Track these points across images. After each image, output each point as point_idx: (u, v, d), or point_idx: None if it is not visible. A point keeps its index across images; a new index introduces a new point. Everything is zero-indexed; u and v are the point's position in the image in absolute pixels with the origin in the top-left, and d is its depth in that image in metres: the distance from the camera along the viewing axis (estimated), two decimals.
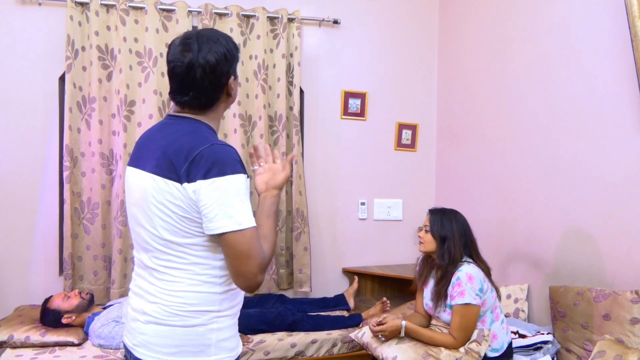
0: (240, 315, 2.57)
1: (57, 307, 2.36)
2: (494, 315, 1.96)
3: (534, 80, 2.48)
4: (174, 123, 1.27)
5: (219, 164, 1.15)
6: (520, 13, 2.58)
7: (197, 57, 1.20)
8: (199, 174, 1.14)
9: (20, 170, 2.77)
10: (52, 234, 2.83)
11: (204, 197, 1.14)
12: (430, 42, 3.44)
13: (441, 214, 2.04)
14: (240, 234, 1.15)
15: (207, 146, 1.16)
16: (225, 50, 1.24)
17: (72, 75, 2.72)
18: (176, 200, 1.17)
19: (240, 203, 1.16)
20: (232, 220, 1.14)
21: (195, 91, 1.23)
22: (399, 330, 1.96)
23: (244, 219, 1.15)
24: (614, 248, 2.02)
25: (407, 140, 3.43)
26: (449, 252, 1.96)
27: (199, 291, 1.23)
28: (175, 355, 1.23)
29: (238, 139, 2.94)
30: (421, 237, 2.07)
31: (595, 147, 2.12)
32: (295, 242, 3.10)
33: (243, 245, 1.15)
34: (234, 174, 1.16)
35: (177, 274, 1.24)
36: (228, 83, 1.27)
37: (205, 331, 1.25)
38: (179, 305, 1.23)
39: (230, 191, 1.15)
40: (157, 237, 1.23)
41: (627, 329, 1.80)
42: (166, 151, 1.20)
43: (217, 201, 1.14)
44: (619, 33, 1.98)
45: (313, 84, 3.22)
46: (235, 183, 1.16)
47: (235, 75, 1.30)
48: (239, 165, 1.19)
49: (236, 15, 2.94)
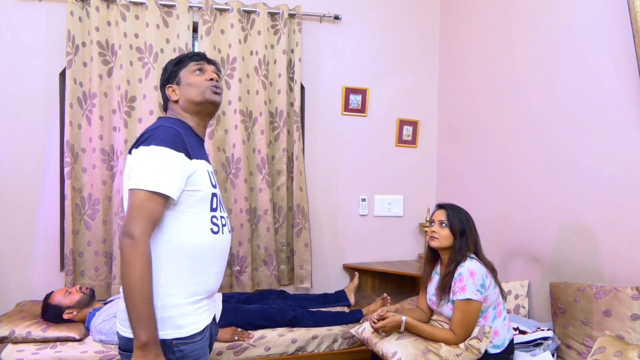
0: (241, 311, 2.61)
1: (58, 303, 2.36)
2: (497, 311, 1.96)
3: (535, 77, 2.47)
4: None
5: (149, 138, 1.34)
6: (522, 10, 2.57)
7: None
8: (135, 146, 1.36)
9: (21, 166, 2.77)
10: (53, 229, 2.83)
11: (130, 161, 1.35)
12: (431, 38, 3.44)
13: (456, 210, 2.01)
14: (140, 193, 1.29)
15: (152, 126, 1.39)
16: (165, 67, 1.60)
17: (72, 71, 2.71)
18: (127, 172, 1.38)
19: (149, 168, 1.30)
20: (139, 181, 1.30)
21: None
22: (399, 325, 1.96)
23: (146, 181, 1.29)
24: (614, 244, 2.02)
25: (408, 137, 3.42)
26: (467, 246, 1.95)
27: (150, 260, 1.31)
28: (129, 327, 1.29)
29: (239, 135, 2.94)
30: (436, 232, 1.99)
31: (596, 143, 2.11)
32: (296, 238, 3.11)
33: (136, 205, 1.28)
34: (158, 145, 1.32)
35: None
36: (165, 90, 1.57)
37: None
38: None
39: (146, 157, 1.32)
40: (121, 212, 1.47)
41: (627, 325, 1.81)
42: None
43: (135, 165, 1.33)
44: (621, 29, 1.97)
45: (314, 80, 3.21)
46: (155, 152, 1.32)
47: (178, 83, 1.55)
48: (168, 141, 1.34)
49: (237, 10, 2.93)
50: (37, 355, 2.17)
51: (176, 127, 1.39)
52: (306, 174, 3.16)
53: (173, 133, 1.36)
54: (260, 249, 3.04)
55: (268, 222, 3.01)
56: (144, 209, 1.28)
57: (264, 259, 3.05)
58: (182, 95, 1.53)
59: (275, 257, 3.04)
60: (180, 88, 1.54)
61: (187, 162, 1.37)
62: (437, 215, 2.03)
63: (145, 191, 1.28)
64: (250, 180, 3.02)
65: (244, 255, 2.97)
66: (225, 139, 2.98)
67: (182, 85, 1.54)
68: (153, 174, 1.30)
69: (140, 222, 1.27)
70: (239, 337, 2.38)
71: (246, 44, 2.99)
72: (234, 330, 2.41)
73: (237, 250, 2.98)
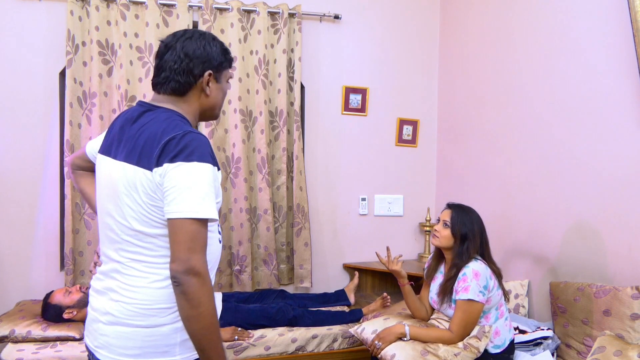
0: (241, 311, 2.61)
1: (58, 302, 2.37)
2: (499, 312, 1.95)
3: (535, 76, 2.47)
4: (147, 112, 1.26)
5: (187, 150, 1.13)
6: (522, 9, 2.57)
7: (176, 42, 1.27)
8: (166, 158, 1.13)
9: (21, 165, 2.77)
10: (53, 229, 2.83)
11: (166, 180, 1.13)
12: (431, 37, 3.43)
13: (462, 212, 1.99)
14: (190, 221, 1.11)
15: (180, 133, 1.15)
16: (209, 48, 1.29)
17: (72, 70, 2.71)
18: (146, 188, 1.15)
19: (198, 191, 1.12)
20: (188, 207, 1.11)
21: (167, 72, 1.27)
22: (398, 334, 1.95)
23: (198, 209, 1.11)
24: (614, 244, 2.02)
25: (408, 136, 3.42)
26: (467, 252, 1.93)
27: (163, 287, 1.19)
28: (139, 356, 1.19)
29: (239, 135, 2.94)
30: (437, 231, 2.00)
31: (596, 142, 2.11)
32: (295, 237, 3.11)
33: (187, 234, 1.11)
34: (201, 162, 1.14)
35: (143, 268, 1.20)
36: (203, 76, 1.28)
37: (170, 331, 1.21)
38: (142, 303, 1.19)
39: (192, 177, 1.12)
40: (126, 228, 1.19)
41: (627, 325, 1.81)
42: (139, 140, 1.19)
43: (177, 185, 1.11)
44: (621, 28, 1.97)
45: (314, 80, 3.21)
46: (200, 171, 1.13)
47: (217, 78, 1.32)
48: (208, 155, 1.17)
49: (237, 10, 2.93)
50: (37, 354, 2.17)
51: (202, 134, 1.21)
52: (306, 174, 3.16)
53: (206, 142, 1.18)
54: (260, 249, 3.04)
55: (268, 222, 3.01)
56: (200, 239, 1.12)
57: (264, 258, 3.05)
58: (210, 94, 1.31)
59: (275, 257, 3.04)
60: (215, 88, 1.32)
61: (218, 175, 1.23)
62: (444, 215, 2.03)
63: (199, 220, 1.12)
64: (250, 179, 3.02)
65: (243, 254, 2.97)
66: (225, 139, 2.98)
67: (218, 85, 1.33)
68: (202, 198, 1.12)
69: (200, 255, 1.12)
70: (238, 337, 2.38)
71: (246, 44, 2.99)
72: (234, 329, 2.41)
73: (237, 249, 2.98)
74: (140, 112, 1.26)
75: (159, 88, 1.30)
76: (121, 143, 1.24)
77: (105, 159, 1.27)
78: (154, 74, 1.31)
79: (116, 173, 1.21)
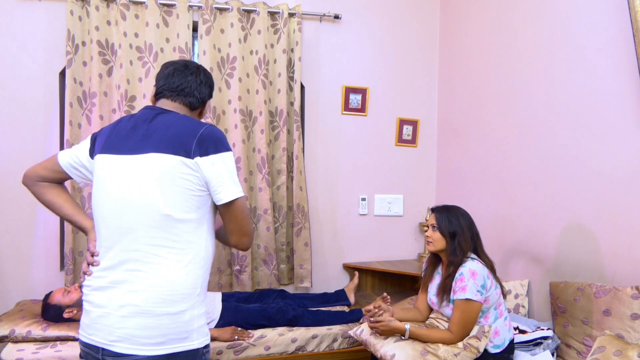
0: (241, 310, 2.61)
1: (58, 303, 2.36)
2: (498, 312, 1.96)
3: (535, 76, 2.47)
4: (162, 114, 1.41)
5: (218, 143, 1.36)
6: (522, 9, 2.57)
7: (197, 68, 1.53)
8: (209, 150, 1.33)
9: (21, 165, 2.75)
10: (53, 229, 2.83)
11: (214, 171, 1.33)
12: (431, 37, 3.43)
13: (446, 211, 2.03)
14: (243, 199, 1.39)
15: (206, 127, 1.37)
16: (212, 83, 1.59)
17: (72, 70, 2.71)
18: (185, 174, 1.31)
19: (235, 175, 1.40)
20: (238, 188, 1.38)
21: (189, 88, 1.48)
22: (398, 331, 1.96)
23: (240, 188, 1.40)
24: (614, 244, 2.02)
25: (408, 136, 3.42)
26: (460, 248, 1.95)
27: (185, 273, 1.31)
28: (163, 344, 1.27)
29: (239, 134, 2.94)
30: (429, 236, 2.03)
31: (596, 142, 2.11)
32: (295, 237, 3.11)
33: (245, 209, 1.41)
34: (229, 151, 1.39)
35: (167, 254, 1.30)
36: (206, 103, 1.56)
37: (190, 318, 1.32)
38: (169, 289, 1.28)
39: (229, 165, 1.37)
40: (154, 213, 1.29)
41: (627, 325, 1.81)
42: (168, 133, 1.34)
43: (223, 174, 1.34)
44: (621, 28, 1.97)
45: (314, 80, 3.21)
46: (231, 158, 1.39)
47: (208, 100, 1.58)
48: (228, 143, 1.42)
49: (237, 10, 2.93)
50: (37, 354, 2.17)
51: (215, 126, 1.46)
52: (306, 174, 3.16)
53: (223, 133, 1.44)
54: (260, 248, 3.04)
55: (268, 222, 3.01)
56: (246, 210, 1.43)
57: (264, 258, 3.05)
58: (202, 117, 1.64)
59: (275, 257, 3.04)
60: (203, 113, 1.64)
61: None
62: (431, 219, 2.07)
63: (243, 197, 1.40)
64: (250, 179, 3.02)
65: (243, 254, 2.97)
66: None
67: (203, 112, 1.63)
68: (237, 179, 1.40)
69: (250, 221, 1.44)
70: (238, 337, 2.38)
71: (246, 44, 2.99)
72: (234, 329, 2.41)
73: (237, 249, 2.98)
74: (154, 114, 1.40)
75: (175, 97, 1.47)
76: (140, 139, 1.35)
77: (115, 157, 1.37)
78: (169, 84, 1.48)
79: (141, 165, 1.32)
